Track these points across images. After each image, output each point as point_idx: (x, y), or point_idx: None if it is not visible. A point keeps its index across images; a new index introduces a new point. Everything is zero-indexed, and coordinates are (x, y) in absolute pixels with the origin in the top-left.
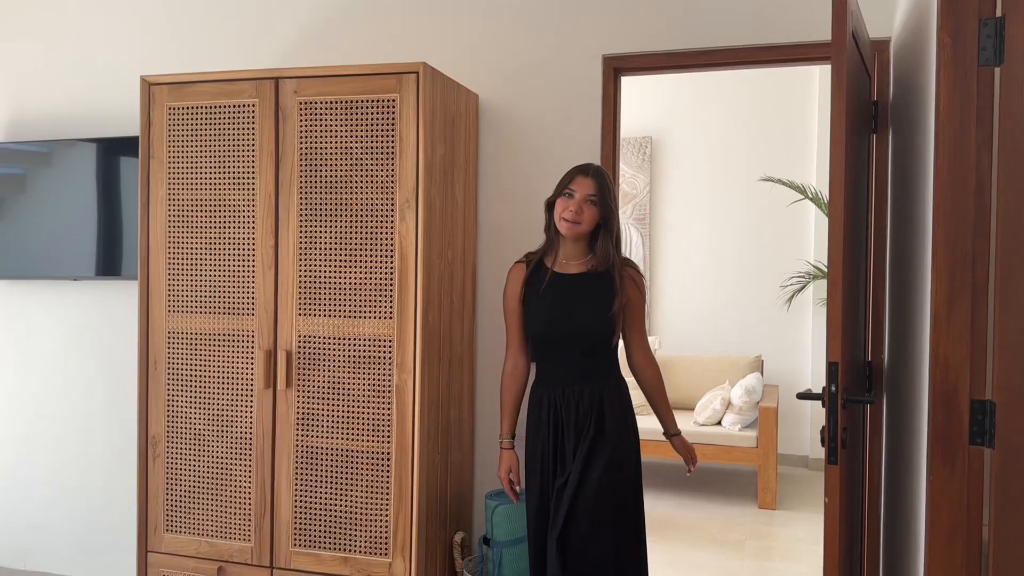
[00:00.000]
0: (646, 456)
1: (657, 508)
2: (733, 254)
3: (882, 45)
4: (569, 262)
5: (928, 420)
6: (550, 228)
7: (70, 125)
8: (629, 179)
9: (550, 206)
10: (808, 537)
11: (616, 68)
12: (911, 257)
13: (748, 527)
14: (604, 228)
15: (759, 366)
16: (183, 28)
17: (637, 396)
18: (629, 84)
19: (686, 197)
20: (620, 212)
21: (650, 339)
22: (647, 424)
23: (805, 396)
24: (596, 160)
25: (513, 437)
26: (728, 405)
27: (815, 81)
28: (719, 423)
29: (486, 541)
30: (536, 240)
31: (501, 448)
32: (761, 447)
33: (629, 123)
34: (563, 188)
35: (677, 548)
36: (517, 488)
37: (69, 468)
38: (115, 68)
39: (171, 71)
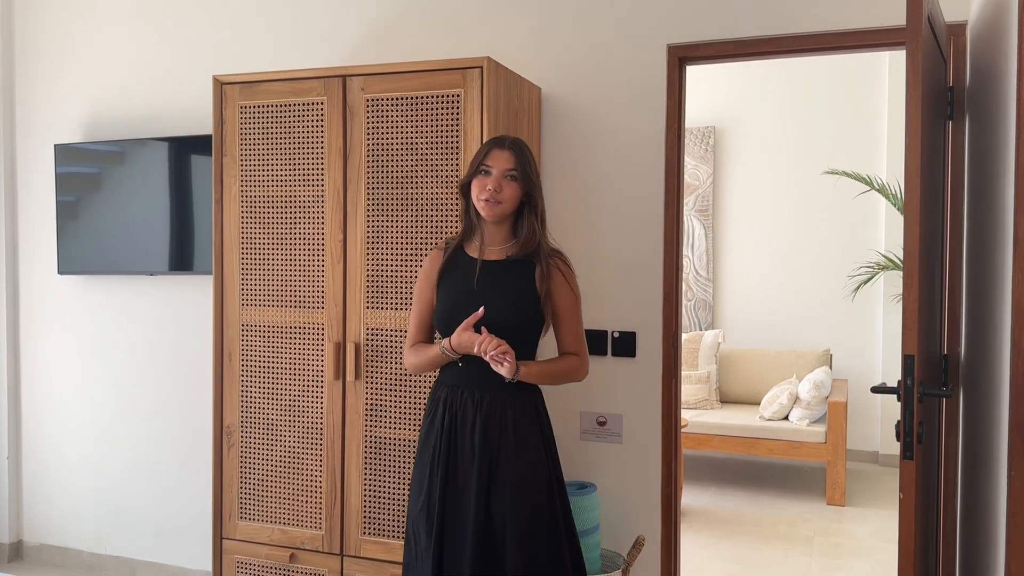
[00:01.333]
0: (709, 450)
1: (722, 504)
2: (799, 245)
3: (958, 29)
4: (490, 248)
5: (1008, 413)
6: (468, 212)
7: (142, 125)
8: (691, 170)
9: (466, 188)
10: (878, 534)
11: (681, 58)
12: (990, 247)
13: (816, 523)
14: (528, 206)
15: (827, 360)
16: (252, 28)
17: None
18: (692, 73)
19: (750, 187)
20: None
21: (713, 332)
22: (712, 419)
23: (880, 390)
24: (661, 152)
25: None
26: (795, 400)
27: (884, 66)
28: (786, 418)
29: None
30: (597, 232)
31: (442, 349)
32: (830, 442)
33: (691, 112)
34: (478, 164)
35: (743, 544)
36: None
37: (146, 456)
38: (186, 69)
39: (240, 71)
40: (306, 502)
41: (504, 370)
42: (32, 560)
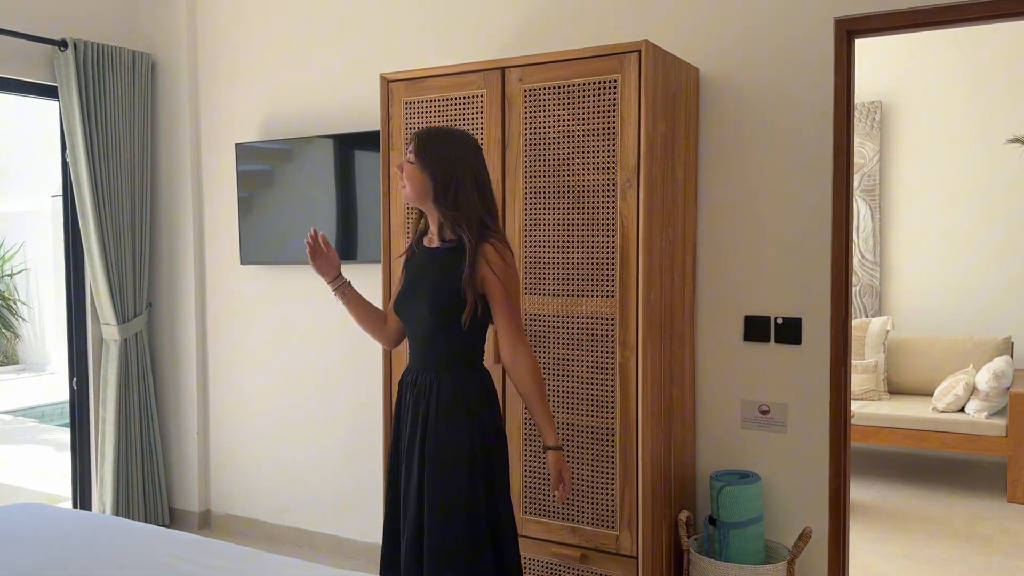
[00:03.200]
0: (876, 442)
1: (890, 499)
2: (976, 225)
3: None
4: (431, 237)
5: None
6: None
7: (310, 123)
8: (856, 148)
9: None
10: None
11: (849, 31)
12: None
13: (997, 522)
14: (438, 197)
15: (1008, 348)
16: (413, 26)
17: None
18: (857, 45)
19: (921, 164)
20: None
21: (881, 319)
22: (880, 410)
23: None
24: (829, 131)
25: (344, 283)
26: (972, 391)
27: None
28: (962, 409)
29: (712, 521)
30: (759, 215)
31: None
32: (1012, 436)
33: (856, 87)
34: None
35: (914, 541)
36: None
37: (321, 433)
38: (350, 69)
39: (402, 68)
40: None
41: (565, 489)
42: (219, 529)
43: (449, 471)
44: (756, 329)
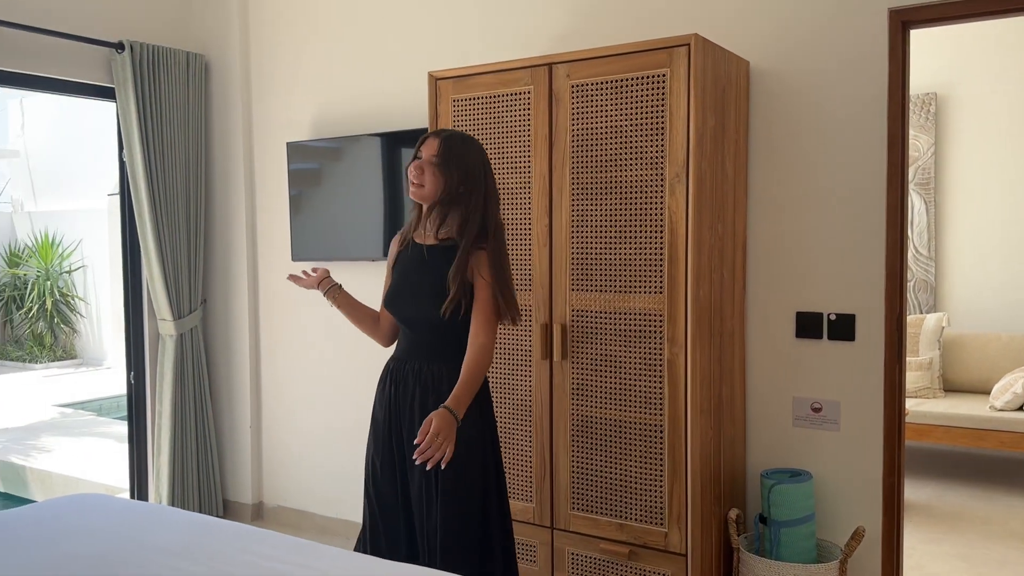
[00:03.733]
0: (931, 441)
1: (945, 498)
2: None
3: None
4: (427, 232)
5: None
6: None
7: (359, 121)
8: (911, 140)
9: (405, 171)
10: None
11: (904, 21)
12: None
13: None
14: (449, 199)
15: None
16: (461, 24)
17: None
18: (912, 36)
19: (977, 158)
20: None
21: (936, 315)
22: (935, 408)
23: None
24: (883, 123)
25: (333, 286)
26: None
27: None
28: (1020, 408)
29: (762, 519)
30: (811, 209)
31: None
32: None
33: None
34: (415, 152)
35: (970, 541)
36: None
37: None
38: (398, 67)
39: (449, 66)
40: (518, 476)
41: (445, 457)
42: (271, 520)
43: (466, 462)
44: (808, 325)
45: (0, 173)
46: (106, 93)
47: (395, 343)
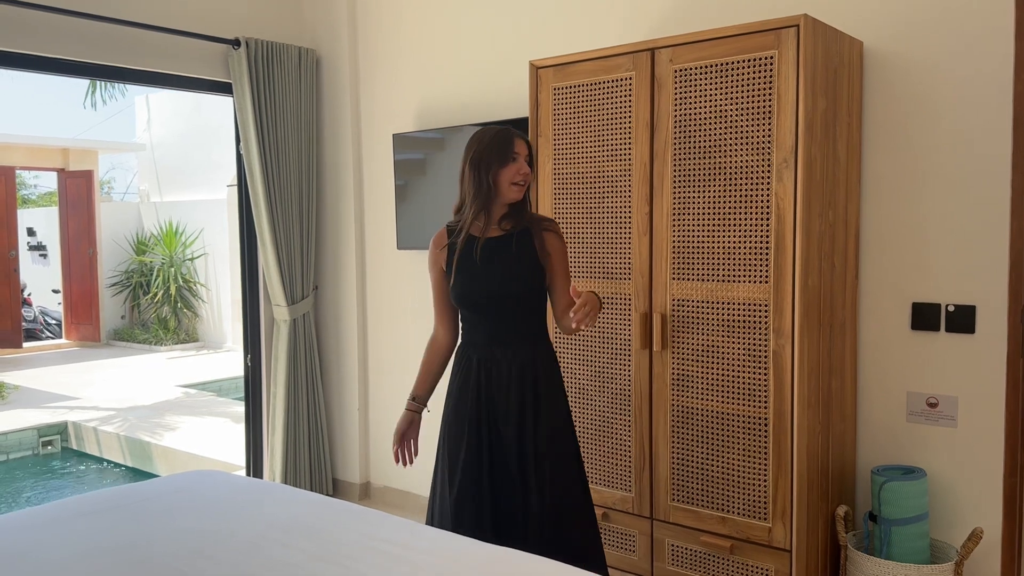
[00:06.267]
0: None
1: None
2: None
3: None
4: (494, 226)
5: None
6: (482, 194)
7: (461, 112)
8: None
9: (483, 171)
10: None
11: None
12: None
13: None
14: (528, 190)
15: None
16: (561, 11)
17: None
18: None
19: None
20: None
21: None
22: None
23: None
24: (1007, 103)
25: (415, 400)
26: None
27: None
28: None
29: (872, 517)
30: (928, 195)
31: (405, 409)
32: None
33: None
34: (508, 152)
35: None
36: (407, 455)
37: None
38: (500, 57)
39: (552, 54)
40: (616, 465)
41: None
42: (377, 500)
43: (566, 438)
44: (925, 317)
45: (128, 166)
46: (224, 88)
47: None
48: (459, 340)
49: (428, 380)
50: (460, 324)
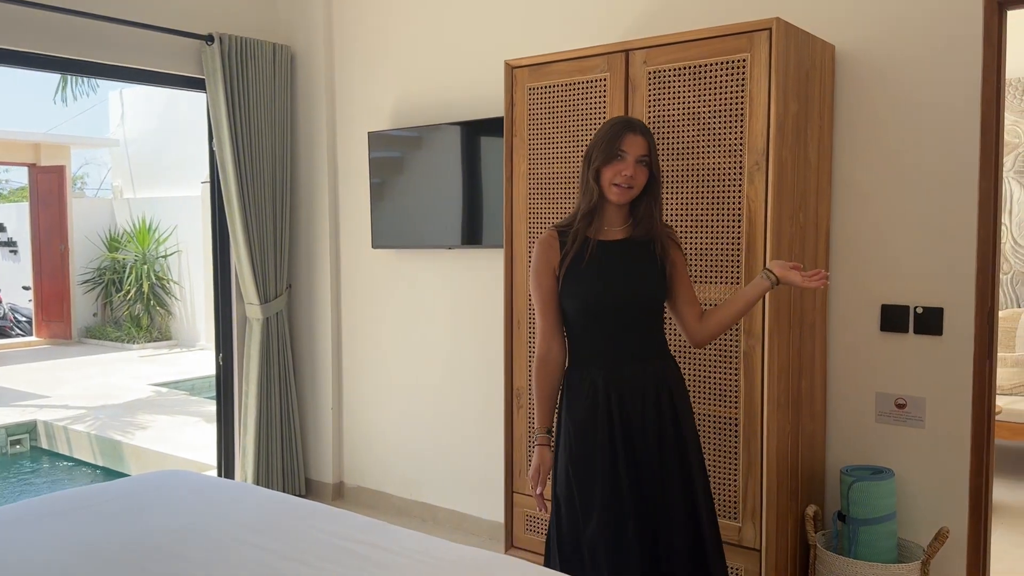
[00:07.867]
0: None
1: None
2: None
3: None
4: (611, 228)
5: None
6: (591, 193)
7: (438, 111)
8: (1010, 126)
9: (596, 169)
10: None
11: (1000, 2)
12: None
13: None
14: (649, 193)
15: None
16: (536, 11)
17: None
18: (1012, 17)
19: None
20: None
21: None
22: (1022, 406)
23: None
24: (976, 108)
25: (549, 432)
26: None
27: None
28: None
29: (841, 517)
30: (898, 198)
31: (537, 445)
32: None
33: (1008, 63)
34: (614, 149)
35: None
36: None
37: (447, 412)
38: (476, 56)
39: (526, 54)
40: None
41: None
42: (351, 500)
43: (699, 452)
44: (894, 319)
45: (102, 161)
46: (197, 84)
47: (569, 353)
48: (566, 360)
49: (551, 407)
50: (567, 341)
